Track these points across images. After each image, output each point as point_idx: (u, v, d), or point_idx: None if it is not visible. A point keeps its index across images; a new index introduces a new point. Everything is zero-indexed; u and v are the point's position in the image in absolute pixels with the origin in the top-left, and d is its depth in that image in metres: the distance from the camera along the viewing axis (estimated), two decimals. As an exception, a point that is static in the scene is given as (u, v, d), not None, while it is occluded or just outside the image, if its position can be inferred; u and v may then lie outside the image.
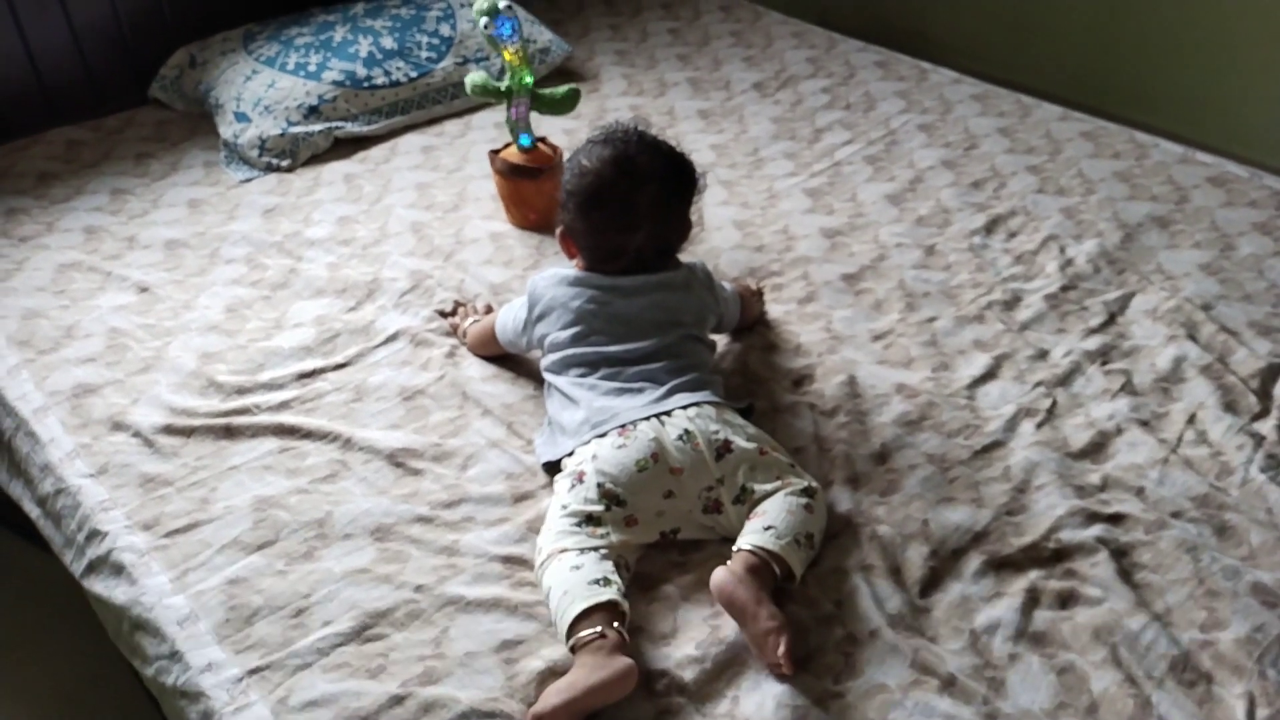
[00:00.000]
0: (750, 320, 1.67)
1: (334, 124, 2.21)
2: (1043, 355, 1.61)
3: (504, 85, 1.85)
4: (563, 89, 1.90)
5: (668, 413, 1.35)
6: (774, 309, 1.73)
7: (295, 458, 1.47)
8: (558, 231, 1.52)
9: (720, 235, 1.90)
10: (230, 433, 1.51)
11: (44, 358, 1.67)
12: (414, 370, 1.62)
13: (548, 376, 1.48)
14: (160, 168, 2.18)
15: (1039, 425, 1.48)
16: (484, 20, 1.78)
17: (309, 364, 1.64)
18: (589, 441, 1.35)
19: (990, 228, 1.90)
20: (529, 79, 1.84)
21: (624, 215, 1.44)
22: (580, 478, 1.30)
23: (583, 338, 1.45)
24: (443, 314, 1.74)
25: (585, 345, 1.44)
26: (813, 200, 2.00)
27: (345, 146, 2.22)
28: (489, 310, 1.73)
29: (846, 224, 1.93)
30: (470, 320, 1.68)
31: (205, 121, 2.30)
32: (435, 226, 1.96)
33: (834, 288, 1.76)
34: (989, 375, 1.57)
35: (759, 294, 1.75)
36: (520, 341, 1.54)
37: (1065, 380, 1.56)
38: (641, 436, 1.31)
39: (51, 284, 1.84)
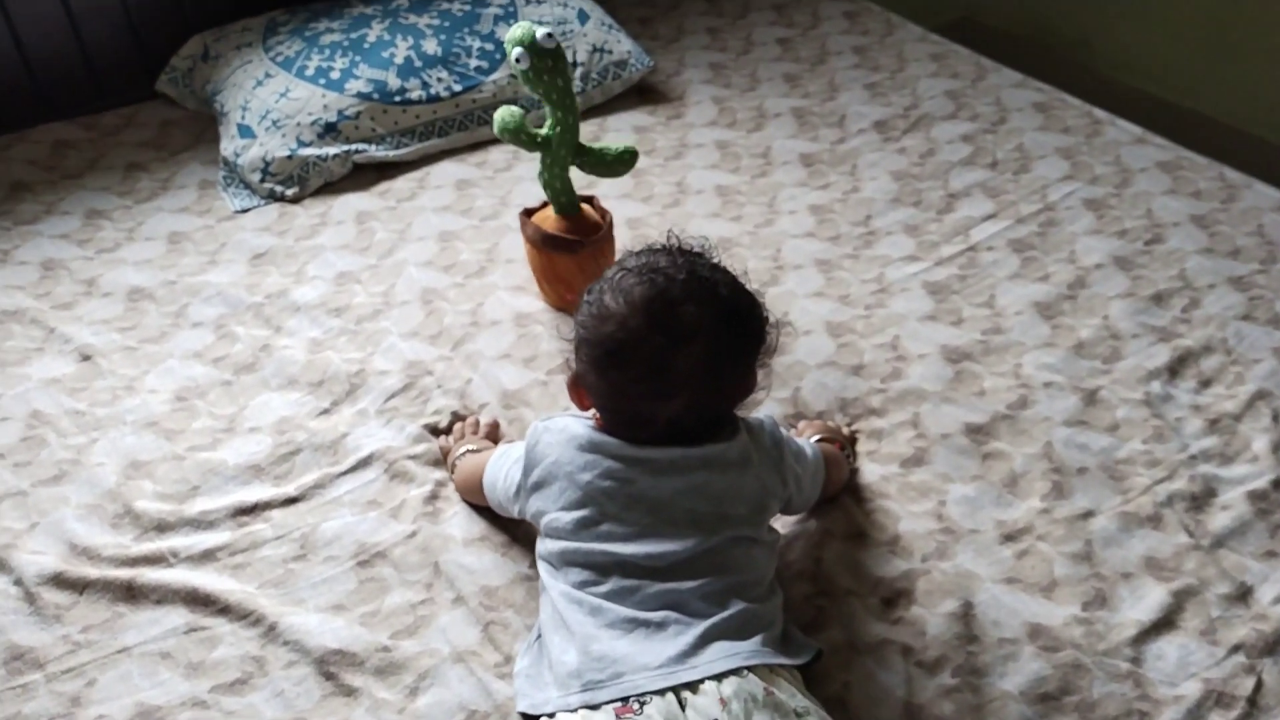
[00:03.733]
0: (835, 489, 1.24)
1: (354, 146, 1.82)
2: (1243, 595, 1.13)
3: (542, 133, 1.43)
4: (616, 147, 1.46)
5: (693, 684, 0.93)
6: (868, 469, 1.29)
7: (203, 645, 1.11)
8: (567, 377, 1.10)
9: (808, 344, 1.46)
10: (132, 594, 1.16)
11: (-56, 447, 1.35)
12: (381, 518, 1.24)
13: (543, 571, 1.08)
14: (149, 185, 1.83)
15: (1238, 724, 1.02)
16: (517, 52, 1.36)
17: (253, 493, 1.27)
18: (575, 710, 0.94)
19: (1175, 369, 1.40)
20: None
21: (653, 380, 1.01)
22: (555, 770, 0.90)
23: (590, 526, 1.04)
24: (434, 431, 1.36)
25: (593, 539, 1.03)
26: (935, 301, 1.53)
27: (365, 175, 1.84)
28: (493, 432, 1.34)
29: (978, 344, 1.46)
30: (464, 449, 1.29)
31: (215, 126, 1.95)
32: (451, 297, 1.57)
33: (954, 446, 1.31)
34: (1165, 623, 1.11)
35: (850, 443, 1.31)
36: (511, 510, 1.15)
37: (1276, 646, 1.08)
38: (648, 727, 0.90)
39: (-16, 339, 1.53)
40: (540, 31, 1.36)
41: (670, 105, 2.02)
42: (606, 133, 1.92)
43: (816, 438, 1.27)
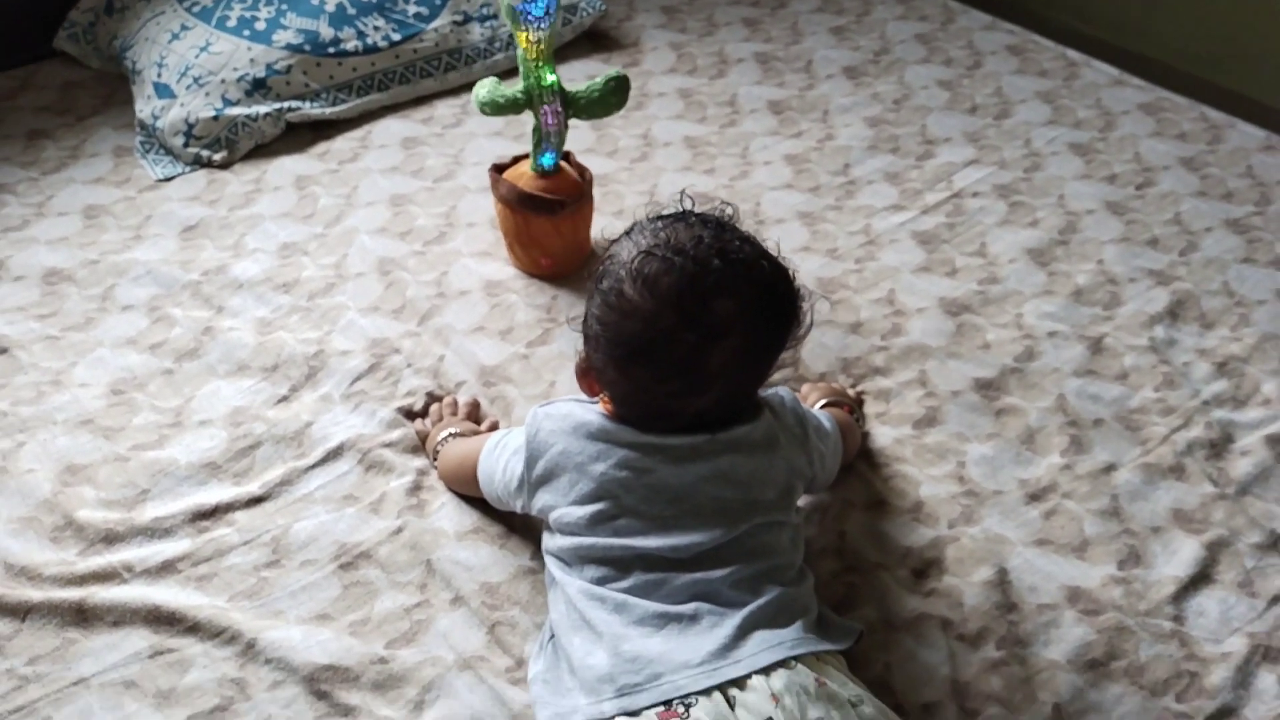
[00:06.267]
0: (850, 456, 1.16)
1: (286, 104, 1.66)
2: (1275, 543, 1.10)
3: (520, 92, 1.30)
4: (600, 81, 1.32)
5: (740, 681, 0.85)
6: (880, 433, 1.22)
7: (172, 670, 0.99)
8: (576, 363, 1.00)
9: (801, 303, 1.37)
10: (84, 617, 1.03)
11: None
12: (360, 515, 1.12)
13: (553, 568, 0.98)
14: (56, 155, 1.64)
15: (1287, 678, 0.98)
16: (514, -9, 1.22)
17: (212, 494, 1.14)
18: (612, 718, 0.85)
19: (1176, 312, 1.37)
20: (551, 77, 1.29)
21: (684, 377, 0.91)
22: (594, 787, 0.81)
23: (607, 520, 0.94)
24: (409, 415, 1.24)
25: (610, 534, 0.94)
26: (927, 251, 1.47)
27: (301, 134, 1.68)
28: (474, 412, 1.23)
29: (976, 294, 1.39)
30: (445, 433, 1.17)
31: (125, 87, 1.76)
32: (411, 267, 1.44)
33: (965, 403, 1.24)
34: (1201, 578, 1.07)
35: (858, 405, 1.24)
36: (513, 505, 1.04)
37: (1317, 593, 1.05)
38: (696, 732, 0.82)
39: (-122, 334, 1.34)
40: None
41: (625, 52, 1.90)
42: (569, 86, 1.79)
43: (824, 402, 1.19)
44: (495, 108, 1.30)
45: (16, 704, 0.97)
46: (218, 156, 1.62)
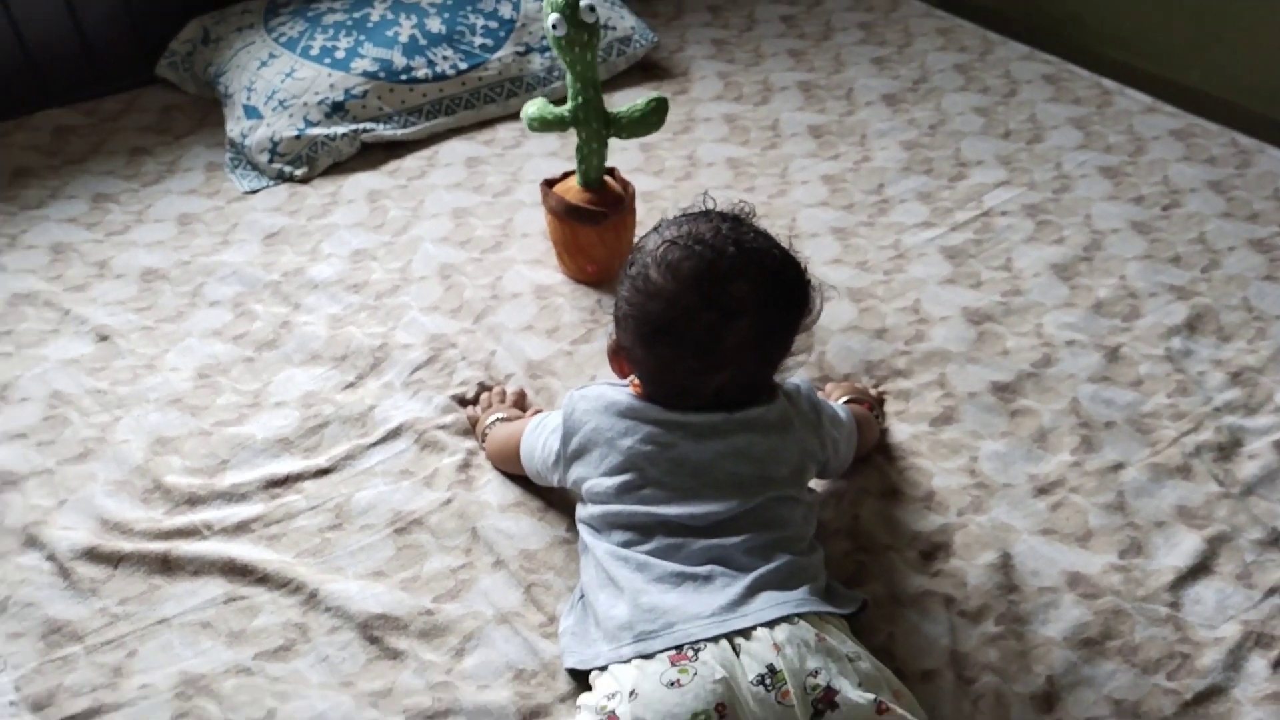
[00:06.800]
0: (867, 448, 1.24)
1: (362, 125, 1.81)
2: (1277, 540, 1.15)
3: (566, 111, 1.42)
4: (642, 103, 1.44)
5: (746, 632, 0.93)
6: (898, 429, 1.29)
7: (243, 614, 1.11)
8: (608, 345, 1.10)
9: (830, 310, 1.45)
10: (168, 566, 1.15)
11: (-35, 427, 1.34)
12: (414, 487, 1.23)
13: (584, 534, 1.08)
14: (155, 169, 1.82)
15: (1276, 664, 1.03)
16: (554, 18, 1.35)
17: (284, 465, 1.26)
18: (629, 660, 0.94)
19: (1194, 325, 1.42)
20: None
21: (703, 354, 1.01)
22: (610, 721, 0.90)
23: (633, 489, 1.04)
24: (461, 401, 1.35)
25: (636, 501, 1.03)
26: (954, 265, 1.54)
27: (374, 154, 1.83)
28: (520, 400, 1.34)
29: (999, 305, 1.47)
30: (494, 417, 1.28)
31: (217, 110, 1.93)
32: (469, 272, 1.56)
33: (982, 404, 1.32)
34: (1201, 568, 1.12)
35: (879, 404, 1.32)
36: (550, 479, 1.14)
37: (1314, 586, 1.10)
38: (704, 673, 0.90)
39: (-2, 321, 1.51)
40: (584, 1, 1.34)
41: (675, 81, 2.02)
42: (613, 109, 1.92)
43: (845, 399, 1.28)
44: (542, 124, 1.42)
45: (108, 637, 1.09)
46: (299, 172, 1.77)
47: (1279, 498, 1.19)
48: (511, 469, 1.23)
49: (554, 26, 1.36)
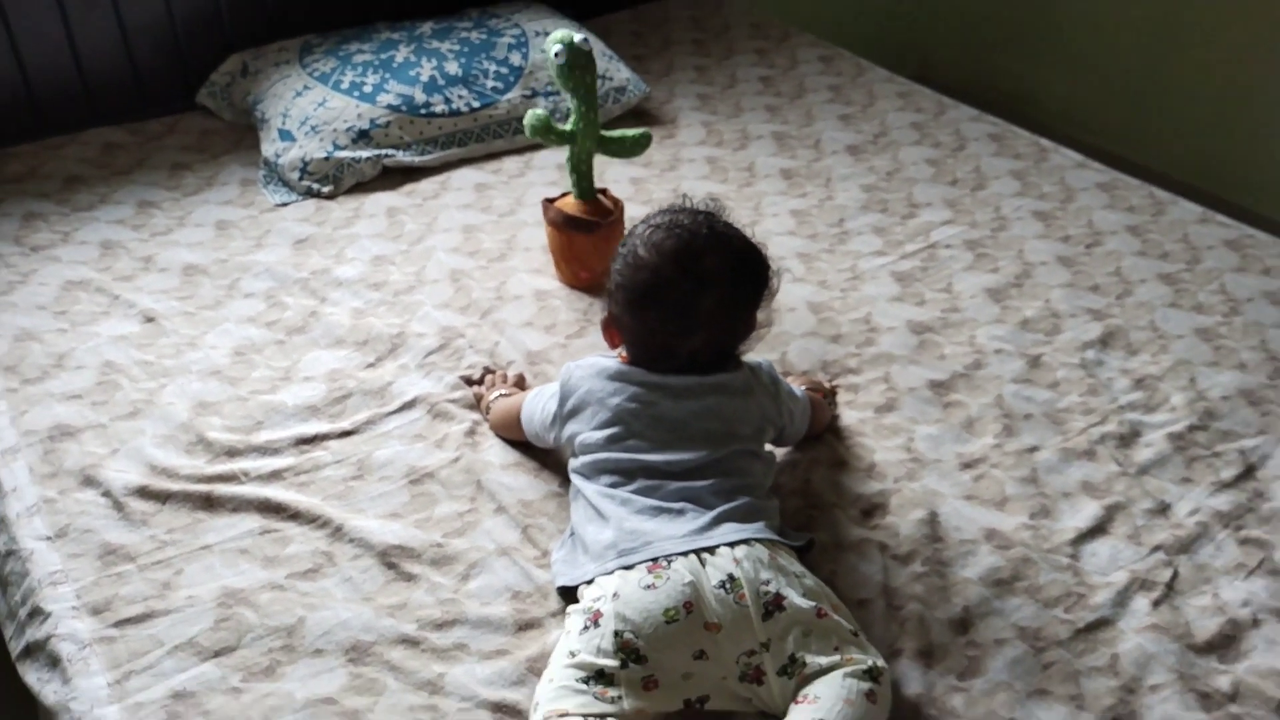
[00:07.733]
0: (819, 428, 1.44)
1: (384, 151, 2.03)
2: (1163, 510, 1.35)
3: (569, 128, 1.65)
4: (633, 132, 1.71)
5: (711, 549, 1.12)
6: (847, 415, 1.49)
7: (276, 543, 1.28)
8: (601, 318, 1.30)
9: (792, 319, 1.67)
10: (210, 503, 1.33)
11: (28, 388, 1.51)
12: (427, 447, 1.42)
13: (575, 480, 1.26)
14: (194, 182, 2.02)
15: (1156, 603, 1.22)
16: (557, 49, 1.59)
17: (312, 427, 1.45)
18: (612, 572, 1.13)
19: (1107, 340, 1.64)
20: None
21: (681, 318, 1.22)
22: (596, 619, 1.08)
23: (619, 440, 1.23)
24: (469, 381, 1.54)
25: (621, 450, 1.23)
26: (901, 286, 1.76)
27: (393, 177, 2.04)
28: (520, 382, 1.53)
29: (939, 319, 1.68)
30: (496, 394, 1.47)
31: (251, 135, 2.15)
32: (476, 277, 1.77)
33: (919, 396, 1.52)
34: (1098, 529, 1.32)
35: (831, 394, 1.52)
36: (548, 437, 1.33)
37: (1190, 546, 1.29)
38: (675, 578, 1.08)
39: (54, 303, 1.69)
40: (578, 36, 1.59)
41: (664, 127, 2.26)
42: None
43: (803, 388, 1.48)
44: (543, 132, 1.64)
45: (157, 559, 1.26)
46: (325, 189, 1.98)
47: (1169, 478, 1.40)
48: (511, 435, 1.42)
49: (556, 55, 1.60)
